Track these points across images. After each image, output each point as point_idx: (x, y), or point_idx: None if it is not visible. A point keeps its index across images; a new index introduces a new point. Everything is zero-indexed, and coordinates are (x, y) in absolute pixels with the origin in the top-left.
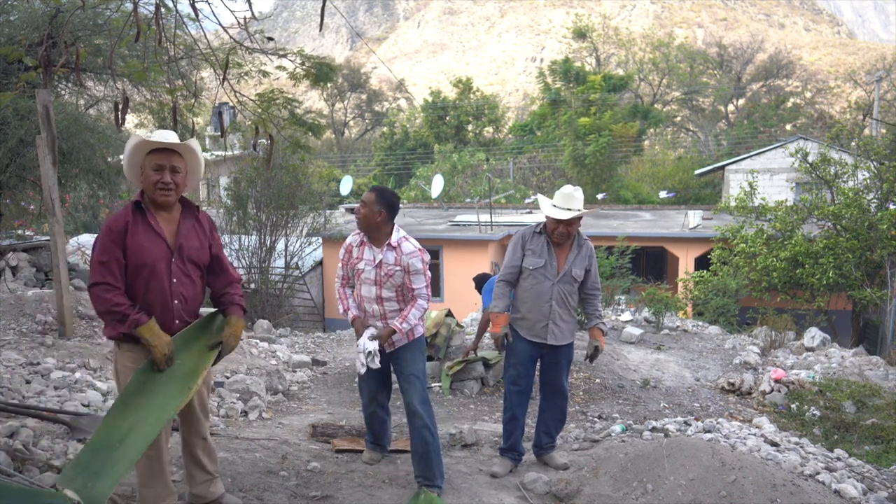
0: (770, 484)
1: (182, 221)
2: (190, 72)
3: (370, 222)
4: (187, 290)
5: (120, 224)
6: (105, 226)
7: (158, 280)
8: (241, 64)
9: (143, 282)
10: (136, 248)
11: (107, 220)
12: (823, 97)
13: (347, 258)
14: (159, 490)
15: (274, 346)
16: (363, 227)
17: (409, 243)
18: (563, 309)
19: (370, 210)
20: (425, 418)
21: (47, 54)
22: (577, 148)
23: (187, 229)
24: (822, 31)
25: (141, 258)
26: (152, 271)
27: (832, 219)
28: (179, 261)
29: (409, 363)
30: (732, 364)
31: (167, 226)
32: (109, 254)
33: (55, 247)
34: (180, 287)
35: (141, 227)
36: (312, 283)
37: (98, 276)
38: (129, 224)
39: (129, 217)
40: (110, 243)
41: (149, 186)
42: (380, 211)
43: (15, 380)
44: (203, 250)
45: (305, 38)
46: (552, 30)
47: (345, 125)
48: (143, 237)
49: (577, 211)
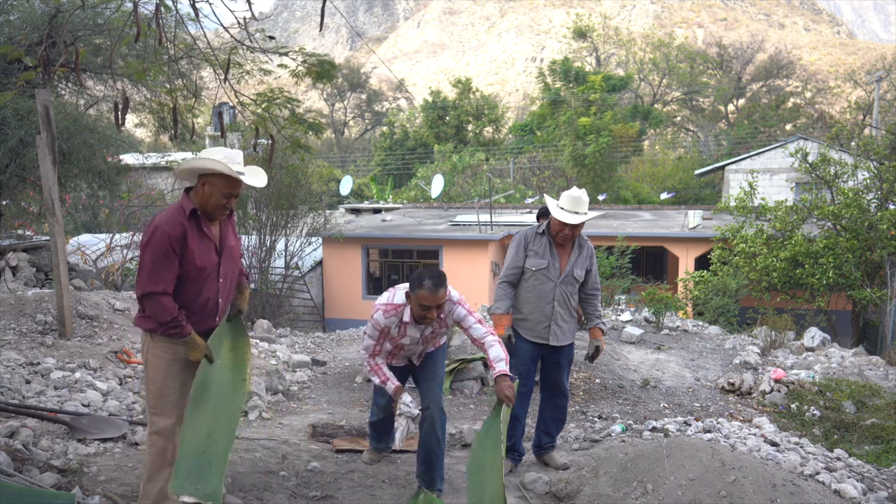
0: (770, 484)
1: (222, 224)
2: (190, 72)
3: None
4: (231, 287)
5: (178, 231)
6: (159, 231)
7: (211, 282)
8: (242, 64)
9: (199, 285)
10: (195, 254)
11: (157, 224)
12: (823, 97)
13: (383, 339)
14: (164, 486)
15: (274, 346)
16: (431, 322)
17: (449, 302)
18: (564, 309)
19: (445, 303)
20: (436, 425)
21: (47, 54)
22: (577, 148)
23: (226, 231)
24: (822, 31)
25: (202, 263)
26: (207, 275)
27: (832, 219)
28: (226, 261)
29: (433, 368)
30: (732, 364)
31: (214, 230)
32: (167, 260)
33: (55, 247)
34: (226, 285)
35: (197, 234)
36: (312, 283)
37: (159, 285)
38: (187, 230)
39: (186, 223)
40: (169, 250)
41: (211, 205)
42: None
43: (15, 380)
44: (237, 248)
45: (305, 38)
46: (552, 30)
47: (345, 125)
48: (201, 243)
49: (586, 215)
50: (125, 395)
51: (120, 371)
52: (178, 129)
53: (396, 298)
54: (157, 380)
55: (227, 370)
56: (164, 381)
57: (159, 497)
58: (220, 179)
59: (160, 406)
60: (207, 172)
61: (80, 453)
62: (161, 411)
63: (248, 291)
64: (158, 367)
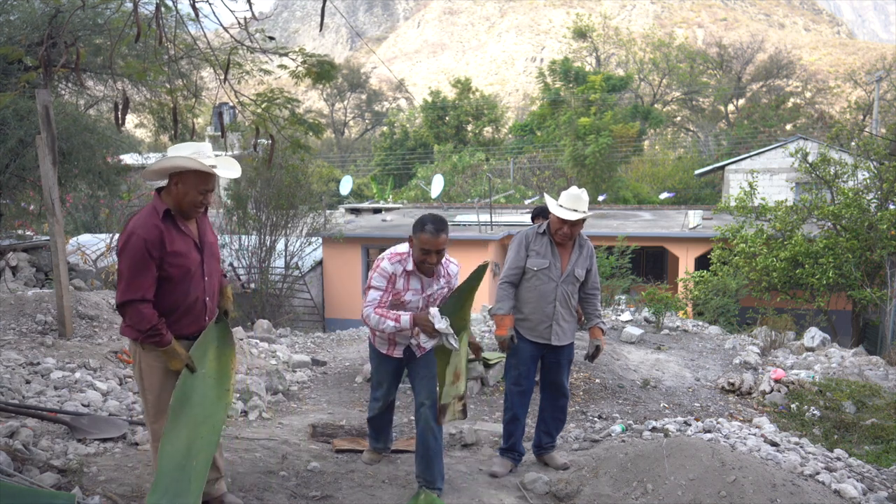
0: (770, 484)
1: (198, 221)
2: (190, 72)
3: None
4: (215, 285)
5: (153, 234)
6: (135, 236)
7: (197, 280)
8: (242, 64)
9: (186, 285)
10: (177, 256)
11: (131, 229)
12: (823, 97)
13: (390, 287)
14: None
15: (274, 346)
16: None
17: (453, 264)
18: (565, 309)
19: (444, 249)
20: (432, 421)
21: (47, 54)
22: (577, 148)
23: (204, 227)
24: (822, 31)
25: (185, 265)
26: (193, 273)
27: (832, 219)
28: (208, 258)
29: (429, 365)
30: (732, 364)
31: (192, 228)
32: (145, 266)
33: (55, 247)
34: (212, 284)
35: (176, 235)
36: (312, 283)
37: (137, 292)
38: (164, 233)
39: (161, 225)
40: (145, 255)
41: (186, 204)
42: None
43: (15, 380)
44: (216, 243)
45: (305, 38)
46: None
47: (345, 125)
48: (181, 244)
49: (584, 212)
50: (125, 395)
51: (120, 371)
52: (178, 129)
53: (401, 247)
54: (155, 389)
55: (211, 380)
56: (161, 389)
57: None
58: (192, 176)
59: (161, 414)
60: (179, 171)
61: (80, 453)
62: (162, 419)
63: (231, 291)
64: (154, 376)
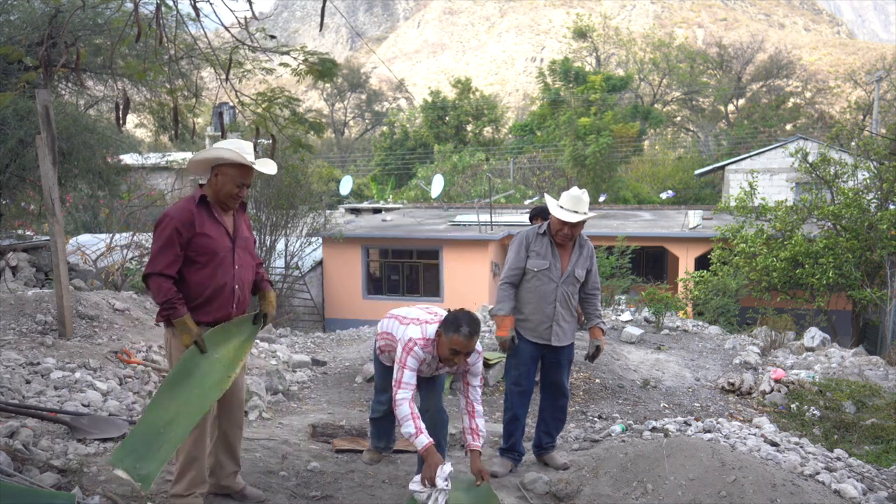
0: (770, 484)
1: (235, 215)
2: (190, 72)
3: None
4: (247, 276)
5: (185, 216)
6: (168, 217)
7: (226, 267)
8: (242, 63)
9: (212, 270)
10: (205, 238)
11: (166, 212)
12: (823, 97)
13: (419, 370)
14: (195, 476)
15: (274, 346)
16: (452, 364)
17: (475, 354)
18: (565, 310)
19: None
20: (436, 428)
21: (47, 54)
22: (577, 148)
23: (240, 222)
24: (822, 31)
25: (212, 248)
26: (221, 260)
27: (832, 219)
28: (241, 250)
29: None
30: (732, 364)
31: (227, 219)
32: (171, 245)
33: (55, 247)
34: (242, 273)
35: (207, 220)
36: (312, 283)
37: (157, 266)
38: (195, 216)
39: (194, 209)
40: (173, 235)
41: (223, 194)
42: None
43: (15, 380)
44: (251, 240)
45: (305, 38)
46: (552, 30)
47: (345, 125)
48: (212, 229)
49: (585, 214)
50: (125, 395)
51: (120, 371)
52: (179, 129)
53: (429, 333)
54: None
55: (220, 366)
56: None
57: (190, 485)
58: (232, 169)
59: None
60: (220, 162)
61: (80, 453)
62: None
63: (273, 296)
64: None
